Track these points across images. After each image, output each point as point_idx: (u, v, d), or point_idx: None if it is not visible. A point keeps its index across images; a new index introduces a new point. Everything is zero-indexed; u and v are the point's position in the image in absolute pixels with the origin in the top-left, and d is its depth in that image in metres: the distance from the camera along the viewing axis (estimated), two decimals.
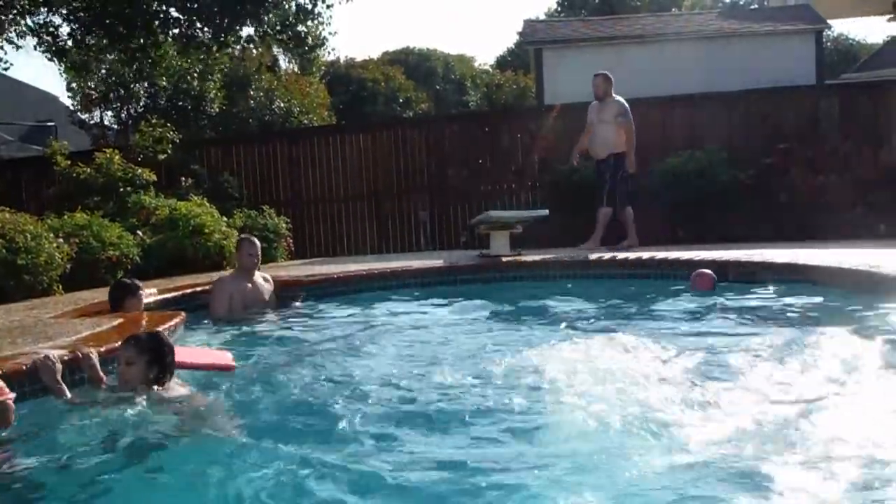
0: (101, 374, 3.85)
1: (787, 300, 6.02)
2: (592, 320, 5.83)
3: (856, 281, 5.97)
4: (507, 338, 5.35)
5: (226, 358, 4.60)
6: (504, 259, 8.68)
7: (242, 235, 7.22)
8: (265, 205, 12.22)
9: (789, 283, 6.52)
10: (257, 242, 6.87)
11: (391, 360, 4.70)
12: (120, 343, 3.84)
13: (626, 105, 9.87)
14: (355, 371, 4.41)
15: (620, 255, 8.31)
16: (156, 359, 3.70)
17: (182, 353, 4.62)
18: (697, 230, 11.37)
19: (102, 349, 3.98)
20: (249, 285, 6.66)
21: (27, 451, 3.10)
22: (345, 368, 4.51)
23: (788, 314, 5.59)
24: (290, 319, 6.46)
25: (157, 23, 13.32)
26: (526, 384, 3.94)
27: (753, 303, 6.11)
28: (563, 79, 16.43)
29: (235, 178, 13.84)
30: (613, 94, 9.94)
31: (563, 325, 5.64)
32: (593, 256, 8.44)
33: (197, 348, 4.98)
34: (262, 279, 6.85)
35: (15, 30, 13.56)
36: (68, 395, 3.59)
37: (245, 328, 6.05)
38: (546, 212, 9.58)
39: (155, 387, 3.69)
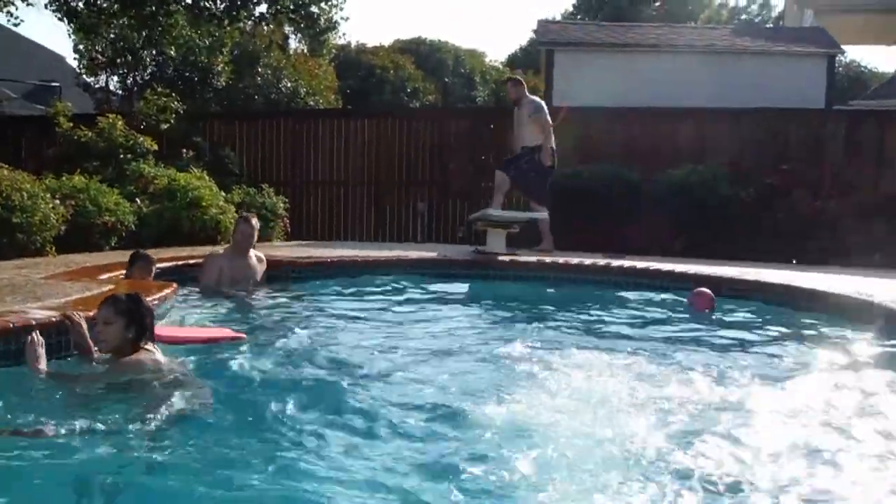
0: (91, 343, 3.85)
1: (776, 322, 6.01)
2: (582, 326, 5.81)
3: (847, 307, 5.97)
4: (493, 335, 5.35)
5: (230, 332, 4.65)
6: (499, 257, 8.67)
7: (243, 214, 7.23)
8: (265, 183, 12.19)
9: (780, 305, 6.52)
10: (255, 223, 6.82)
11: (373, 348, 4.69)
12: (98, 304, 3.82)
13: (540, 102, 10.15)
14: (335, 356, 4.40)
15: (615, 263, 8.29)
16: (134, 319, 3.68)
17: (185, 330, 4.64)
18: (695, 244, 11.34)
19: (91, 314, 3.96)
20: (240, 262, 6.67)
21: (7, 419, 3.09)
22: (325, 353, 4.49)
23: (775, 337, 5.58)
24: (279, 300, 6.44)
25: None
26: (507, 383, 3.93)
27: (742, 324, 6.09)
28: (573, 81, 16.37)
29: (237, 153, 13.80)
30: (528, 95, 10.21)
31: (551, 328, 5.62)
32: (588, 261, 8.40)
33: (198, 327, 4.97)
34: (256, 258, 6.83)
35: None
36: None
37: (232, 303, 6.05)
38: (545, 215, 9.56)
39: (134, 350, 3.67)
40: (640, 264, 8.19)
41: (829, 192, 11.85)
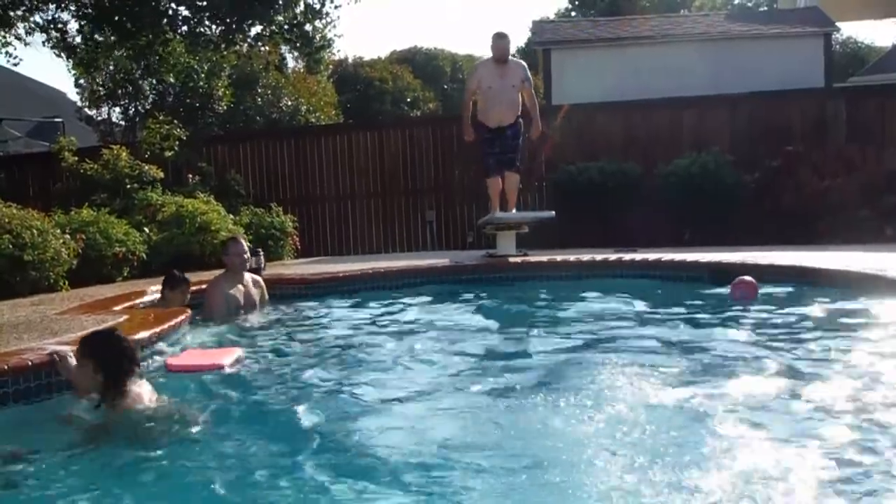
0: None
1: (793, 304, 5.97)
2: (600, 323, 5.78)
3: (862, 284, 5.95)
4: (511, 339, 5.35)
5: (230, 352, 4.63)
6: (510, 259, 8.67)
7: (228, 237, 6.92)
8: (272, 202, 12.24)
9: (795, 287, 6.49)
10: (242, 240, 6.63)
11: (391, 360, 4.67)
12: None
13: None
14: (353, 371, 4.40)
15: (627, 257, 8.29)
16: (105, 361, 3.42)
17: (192, 356, 4.62)
18: (703, 232, 11.34)
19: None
20: (242, 286, 6.45)
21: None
22: (342, 369, 4.49)
23: (794, 319, 5.53)
24: (290, 319, 6.43)
25: (165, 20, 13.32)
26: (522, 388, 3.92)
27: (759, 307, 6.06)
28: (571, 79, 16.40)
29: (242, 175, 13.87)
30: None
31: (568, 328, 5.60)
32: (599, 257, 8.38)
33: (202, 350, 4.96)
34: (252, 280, 6.63)
35: (24, 26, 13.57)
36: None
37: (243, 328, 6.00)
38: (552, 213, 9.56)
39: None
40: (652, 256, 8.18)
41: (834, 170, 11.79)
